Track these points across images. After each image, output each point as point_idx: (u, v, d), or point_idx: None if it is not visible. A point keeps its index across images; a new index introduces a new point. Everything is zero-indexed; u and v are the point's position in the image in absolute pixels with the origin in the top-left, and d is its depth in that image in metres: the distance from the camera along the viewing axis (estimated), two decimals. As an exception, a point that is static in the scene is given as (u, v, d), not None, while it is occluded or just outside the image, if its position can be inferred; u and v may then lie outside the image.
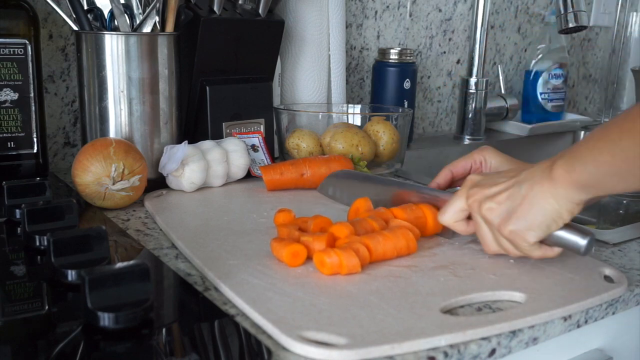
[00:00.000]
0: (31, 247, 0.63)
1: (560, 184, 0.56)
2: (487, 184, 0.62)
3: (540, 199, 0.58)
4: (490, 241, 0.62)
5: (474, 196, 0.62)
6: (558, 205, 0.57)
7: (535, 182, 0.58)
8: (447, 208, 0.66)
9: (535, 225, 0.58)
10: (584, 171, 0.55)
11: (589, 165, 0.55)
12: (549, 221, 0.58)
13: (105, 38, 0.81)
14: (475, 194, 0.62)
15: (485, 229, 0.62)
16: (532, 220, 0.58)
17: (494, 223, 0.61)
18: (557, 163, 0.57)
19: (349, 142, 0.94)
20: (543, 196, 0.57)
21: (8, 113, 0.84)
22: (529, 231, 0.58)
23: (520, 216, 0.58)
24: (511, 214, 0.59)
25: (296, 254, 0.60)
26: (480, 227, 0.63)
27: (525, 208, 0.58)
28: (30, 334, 0.49)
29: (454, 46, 1.46)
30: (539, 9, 1.61)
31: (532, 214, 0.58)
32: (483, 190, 0.62)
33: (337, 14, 1.11)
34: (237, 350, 0.47)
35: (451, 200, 0.66)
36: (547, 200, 0.57)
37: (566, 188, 0.56)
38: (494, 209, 0.60)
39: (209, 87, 0.92)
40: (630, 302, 0.60)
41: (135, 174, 0.76)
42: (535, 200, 0.58)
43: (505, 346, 0.51)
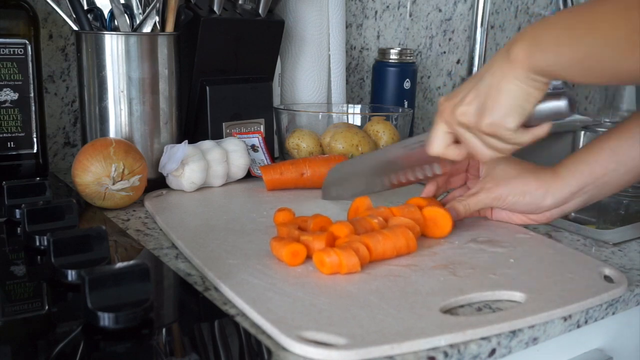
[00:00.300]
0: (31, 247, 0.63)
1: (519, 66, 0.56)
2: (454, 95, 0.62)
3: (504, 83, 0.57)
4: (480, 147, 0.61)
5: (445, 111, 0.62)
6: (524, 84, 0.56)
7: (495, 69, 0.57)
8: (431, 137, 0.65)
9: (509, 109, 0.57)
10: (544, 59, 0.54)
11: (550, 54, 0.54)
12: (521, 102, 0.57)
13: (105, 38, 0.81)
14: (446, 108, 0.62)
15: (470, 137, 0.61)
16: (504, 106, 0.57)
17: (471, 124, 0.60)
18: (516, 45, 0.56)
19: (349, 142, 0.94)
20: (506, 79, 0.57)
21: (8, 113, 0.84)
22: (505, 118, 0.58)
23: (492, 106, 0.58)
24: (483, 108, 0.58)
25: (296, 254, 0.60)
26: (465, 137, 0.62)
27: (493, 97, 0.57)
28: (30, 334, 0.49)
29: (454, 46, 1.46)
30: (539, 9, 1.61)
31: (502, 99, 0.57)
32: (452, 101, 0.62)
33: (337, 14, 1.11)
34: (237, 350, 0.47)
35: (432, 129, 0.65)
36: (512, 83, 0.56)
37: (526, 70, 0.56)
38: (466, 111, 0.60)
39: (209, 87, 0.92)
40: (630, 302, 0.60)
41: (135, 174, 0.76)
42: (500, 85, 0.57)
43: (505, 346, 0.51)
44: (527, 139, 0.60)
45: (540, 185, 0.69)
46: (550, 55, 0.54)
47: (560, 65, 0.54)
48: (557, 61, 0.54)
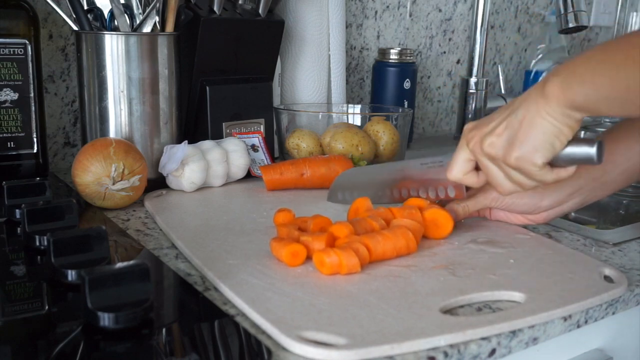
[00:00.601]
0: (31, 247, 0.63)
1: (554, 101, 0.55)
2: (484, 123, 0.61)
3: (537, 118, 0.56)
4: (501, 180, 0.61)
5: (473, 139, 0.61)
6: (556, 121, 0.56)
7: (530, 102, 0.56)
8: (453, 163, 0.65)
9: (539, 145, 0.57)
10: (581, 92, 0.53)
11: (586, 87, 0.53)
12: (552, 139, 0.56)
13: (105, 38, 0.81)
14: (474, 136, 0.61)
15: (494, 169, 0.61)
16: (534, 141, 0.57)
17: (498, 156, 0.59)
18: (552, 80, 0.55)
19: (349, 142, 0.94)
20: (539, 115, 0.56)
21: (8, 113, 0.84)
22: (534, 153, 0.57)
23: (522, 140, 0.57)
24: (513, 141, 0.58)
25: (296, 254, 0.60)
26: (488, 168, 0.61)
27: (524, 131, 0.57)
28: (30, 334, 0.49)
29: (454, 46, 1.46)
30: (539, 9, 1.61)
31: (533, 134, 0.56)
32: (481, 130, 0.61)
33: (337, 14, 1.11)
34: (237, 350, 0.47)
35: (454, 155, 0.64)
36: (544, 118, 0.56)
37: (561, 106, 0.55)
38: (495, 143, 0.59)
39: (209, 87, 0.92)
40: (630, 302, 0.60)
41: (135, 174, 0.76)
42: (533, 120, 0.56)
43: (505, 346, 0.51)
44: (550, 178, 0.59)
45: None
46: (587, 88, 0.53)
47: (598, 99, 0.53)
48: (594, 94, 0.53)
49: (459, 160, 0.64)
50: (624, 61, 0.51)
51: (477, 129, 0.62)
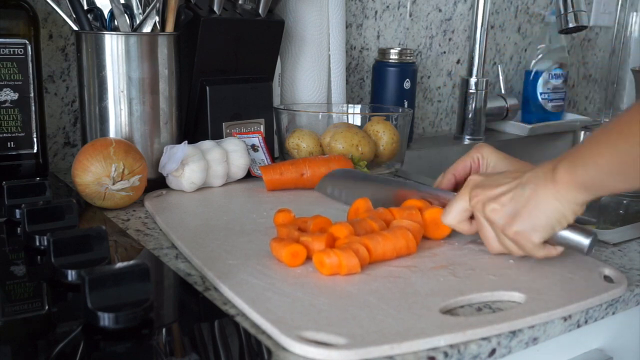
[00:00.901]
0: (31, 247, 0.63)
1: (562, 186, 0.57)
2: (490, 185, 0.62)
3: (544, 200, 0.58)
4: (493, 241, 0.63)
5: (477, 197, 0.63)
6: (562, 206, 0.58)
7: (539, 184, 0.59)
8: (450, 209, 0.66)
9: (540, 226, 0.59)
10: (586, 173, 0.56)
11: (589, 167, 0.56)
12: (554, 222, 0.59)
13: (105, 38, 0.81)
14: (478, 194, 0.63)
15: (489, 230, 0.63)
16: (536, 221, 0.59)
17: (498, 224, 0.61)
18: (560, 165, 0.58)
19: (349, 142, 0.94)
20: (546, 198, 0.58)
21: (8, 113, 0.84)
22: (534, 232, 0.59)
23: (524, 218, 0.59)
24: (515, 216, 0.59)
25: (296, 254, 0.60)
26: (484, 228, 0.63)
27: (529, 210, 0.59)
28: (30, 334, 0.49)
29: (454, 46, 1.46)
30: (539, 9, 1.61)
31: (537, 215, 0.58)
32: (486, 192, 0.62)
33: (337, 14, 1.11)
34: (237, 350, 0.47)
35: (454, 201, 0.66)
36: (550, 202, 0.58)
37: (569, 190, 0.57)
38: (498, 211, 0.60)
39: (209, 87, 0.92)
40: (630, 302, 0.60)
41: (135, 174, 0.76)
42: (540, 201, 0.58)
43: (505, 346, 0.51)
44: (540, 254, 0.61)
45: None
46: (590, 168, 0.56)
47: (601, 176, 0.56)
48: (597, 173, 0.56)
49: (457, 208, 0.65)
50: (617, 138, 0.54)
51: (482, 188, 0.63)
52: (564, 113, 1.54)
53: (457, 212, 0.65)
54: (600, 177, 0.56)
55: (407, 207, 0.69)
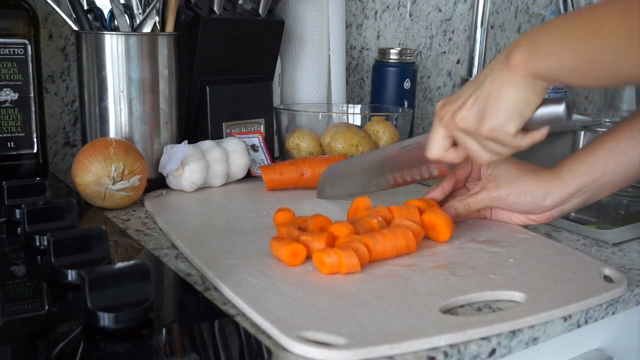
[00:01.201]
0: (31, 247, 0.63)
1: (518, 72, 0.56)
2: (454, 99, 0.62)
3: (504, 89, 0.57)
4: (479, 151, 0.62)
5: (445, 116, 0.63)
6: (524, 90, 0.57)
7: (496, 74, 0.58)
8: (430, 142, 0.66)
9: (509, 114, 0.58)
10: (544, 63, 0.55)
11: (550, 58, 0.54)
12: (521, 107, 0.58)
13: (105, 38, 0.81)
14: (446, 112, 0.63)
15: (469, 141, 0.62)
16: (504, 111, 0.58)
17: (471, 129, 0.60)
18: (516, 50, 0.57)
19: (349, 142, 0.94)
20: (506, 85, 0.57)
21: (8, 113, 0.84)
22: (506, 122, 0.59)
23: (492, 111, 0.59)
24: (484, 114, 0.59)
25: (295, 254, 0.60)
26: (464, 141, 0.63)
27: (493, 103, 0.58)
28: (30, 334, 0.49)
29: (454, 46, 1.46)
30: (539, 9, 1.61)
31: (502, 105, 0.58)
32: (452, 105, 0.62)
33: (337, 14, 1.11)
34: (237, 350, 0.47)
35: (431, 133, 0.66)
36: (511, 88, 0.57)
37: (526, 76, 0.56)
38: (467, 116, 0.60)
39: (209, 87, 0.92)
40: (630, 302, 0.60)
41: (135, 174, 0.76)
42: (501, 91, 0.58)
43: (505, 346, 0.51)
44: (525, 143, 0.61)
45: (540, 185, 0.69)
46: (550, 60, 0.55)
47: (561, 70, 0.55)
48: (557, 65, 0.55)
49: (436, 138, 0.65)
50: (585, 34, 0.52)
51: (447, 104, 0.63)
52: (564, 113, 1.54)
53: (437, 141, 0.65)
54: (559, 69, 0.55)
55: (406, 207, 0.69)
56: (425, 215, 0.68)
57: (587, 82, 0.55)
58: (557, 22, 0.56)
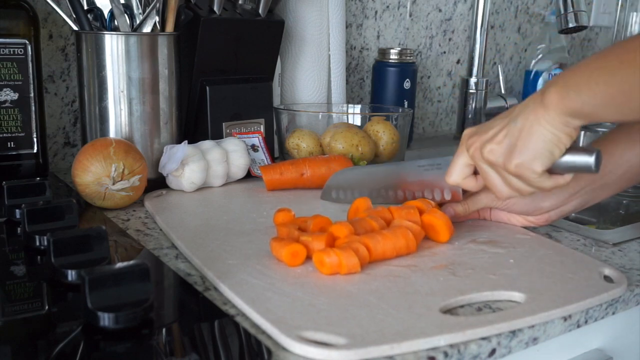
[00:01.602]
0: (31, 247, 0.63)
1: (553, 110, 0.56)
2: (484, 130, 0.62)
3: (536, 126, 0.57)
4: (500, 185, 0.62)
5: (473, 145, 0.62)
6: (555, 130, 0.57)
7: (529, 111, 0.58)
8: (452, 167, 0.66)
9: (539, 153, 0.58)
10: (578, 99, 0.54)
11: (583, 94, 0.54)
12: (551, 147, 0.58)
13: (105, 38, 0.81)
14: (474, 142, 0.62)
15: (493, 174, 0.62)
16: (534, 149, 0.58)
17: (498, 163, 0.60)
18: (550, 89, 0.56)
19: (349, 142, 0.94)
20: (539, 123, 0.57)
21: (8, 113, 0.84)
22: (534, 161, 0.58)
23: (521, 148, 0.58)
24: (513, 149, 0.59)
25: (295, 254, 0.60)
26: (487, 174, 0.62)
27: (524, 139, 0.58)
28: (30, 334, 0.49)
29: (454, 46, 1.46)
30: (539, 9, 1.61)
31: (533, 143, 0.58)
32: (481, 137, 0.62)
33: (337, 14, 1.11)
34: (237, 350, 0.47)
35: (453, 159, 0.65)
36: (543, 127, 0.57)
37: (560, 114, 0.56)
38: (495, 150, 0.60)
39: (209, 87, 0.92)
40: (630, 302, 0.60)
41: (135, 174, 0.76)
42: (533, 129, 0.57)
43: (505, 346, 0.51)
44: (548, 185, 0.60)
45: None
46: (584, 95, 0.54)
47: (595, 105, 0.54)
48: (591, 101, 0.54)
49: (458, 164, 0.65)
50: (618, 66, 0.52)
51: (477, 135, 0.63)
52: (564, 113, 1.54)
53: (459, 168, 0.65)
54: (593, 104, 0.54)
55: (406, 207, 0.69)
56: (424, 217, 0.68)
57: (622, 116, 0.54)
58: (590, 59, 0.56)
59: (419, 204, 0.70)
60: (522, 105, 0.60)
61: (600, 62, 0.54)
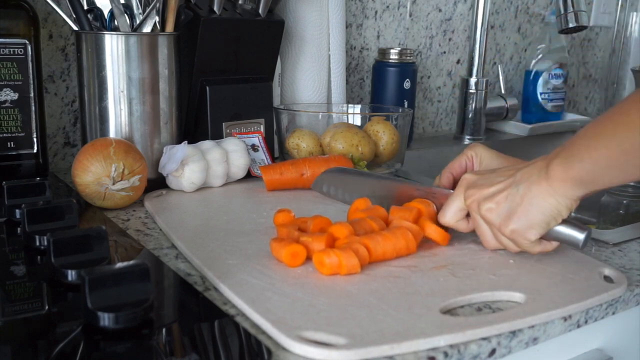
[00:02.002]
0: (31, 247, 0.63)
1: (557, 183, 0.57)
2: (484, 184, 0.63)
3: (539, 198, 0.58)
4: (490, 238, 0.64)
5: (472, 197, 0.63)
6: (557, 202, 0.58)
7: (533, 182, 0.59)
8: (446, 209, 0.66)
9: (536, 223, 0.59)
10: (582, 168, 0.56)
11: (585, 162, 0.55)
12: (549, 219, 0.59)
13: (105, 38, 0.81)
14: (473, 194, 0.63)
15: (485, 228, 0.63)
16: (532, 219, 0.59)
17: (494, 223, 0.61)
18: (554, 161, 0.58)
19: (349, 142, 0.94)
20: (541, 195, 0.58)
21: (8, 113, 0.84)
22: (529, 230, 0.59)
23: (520, 216, 0.59)
24: (511, 214, 0.60)
25: (295, 254, 0.60)
26: (480, 226, 0.64)
27: (524, 208, 0.59)
28: (30, 334, 0.49)
29: (454, 46, 1.46)
30: (539, 9, 1.61)
31: (532, 213, 0.59)
32: (481, 191, 0.62)
33: (337, 14, 1.11)
34: (237, 350, 0.47)
35: (449, 201, 0.66)
36: (545, 199, 0.58)
37: (564, 186, 0.57)
38: (493, 210, 0.61)
39: (209, 87, 0.92)
40: (630, 302, 0.60)
41: (135, 174, 0.76)
42: (535, 200, 0.59)
43: (505, 346, 0.51)
44: (536, 250, 0.62)
45: None
46: (586, 163, 0.55)
47: (598, 171, 0.55)
48: (593, 167, 0.55)
49: (452, 208, 0.66)
50: (614, 127, 0.53)
51: (477, 187, 0.63)
52: (564, 113, 1.54)
53: (453, 211, 0.66)
54: (596, 170, 0.55)
55: (407, 207, 0.69)
56: (420, 224, 0.67)
57: (628, 175, 0.55)
58: (588, 127, 0.57)
59: (420, 205, 0.70)
60: (527, 170, 0.60)
61: (597, 129, 0.55)
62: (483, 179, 0.63)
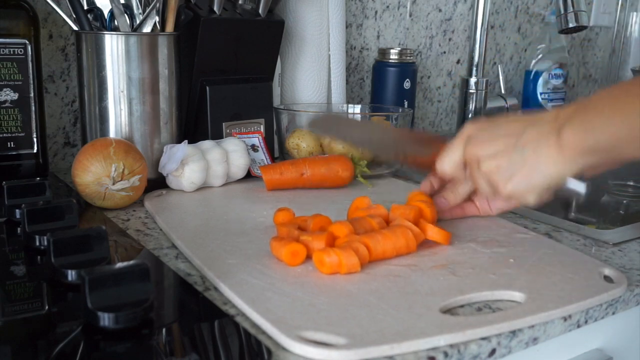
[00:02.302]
0: (31, 247, 0.63)
1: (569, 151, 0.55)
2: (486, 140, 0.61)
3: (545, 164, 0.56)
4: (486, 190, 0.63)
5: (472, 152, 0.62)
6: (564, 168, 0.56)
7: (541, 146, 0.56)
8: (446, 157, 0.65)
9: (537, 187, 0.58)
10: (601, 138, 0.53)
11: (605, 134, 0.53)
12: (552, 183, 0.57)
13: (105, 38, 0.81)
14: (474, 150, 0.61)
15: (483, 183, 0.62)
16: (533, 183, 0.57)
17: (493, 181, 0.60)
18: (567, 128, 0.55)
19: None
20: (548, 161, 0.56)
21: (8, 113, 0.84)
22: (529, 192, 0.58)
23: (521, 179, 0.58)
24: (512, 176, 0.58)
25: (295, 253, 0.60)
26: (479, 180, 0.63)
27: (527, 171, 0.57)
28: (30, 334, 0.49)
29: (454, 46, 1.46)
30: (539, 9, 1.61)
31: (535, 178, 0.57)
32: (482, 147, 0.61)
33: (337, 14, 1.11)
34: (237, 350, 0.47)
35: (448, 151, 0.65)
36: (552, 166, 0.56)
37: (576, 155, 0.55)
38: (494, 170, 0.60)
39: (209, 87, 0.92)
40: (630, 302, 0.60)
41: (135, 174, 0.76)
42: (540, 166, 0.57)
43: (505, 346, 0.51)
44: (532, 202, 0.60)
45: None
46: (606, 134, 0.53)
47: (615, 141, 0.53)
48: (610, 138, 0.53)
49: (451, 157, 0.65)
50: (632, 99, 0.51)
51: (478, 143, 0.61)
52: (564, 113, 1.54)
53: (451, 160, 0.64)
54: (612, 142, 0.53)
55: (408, 206, 0.69)
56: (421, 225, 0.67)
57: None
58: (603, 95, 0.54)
59: (420, 205, 0.70)
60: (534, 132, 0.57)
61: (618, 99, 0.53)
62: (485, 134, 0.61)
